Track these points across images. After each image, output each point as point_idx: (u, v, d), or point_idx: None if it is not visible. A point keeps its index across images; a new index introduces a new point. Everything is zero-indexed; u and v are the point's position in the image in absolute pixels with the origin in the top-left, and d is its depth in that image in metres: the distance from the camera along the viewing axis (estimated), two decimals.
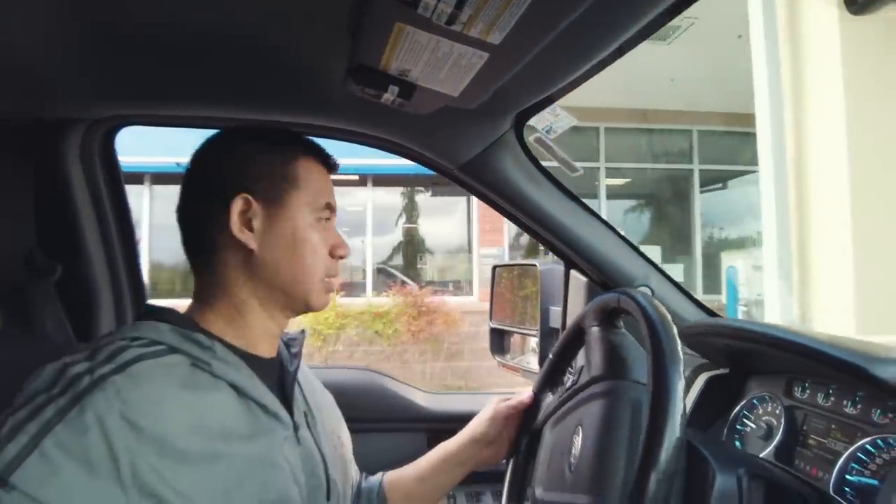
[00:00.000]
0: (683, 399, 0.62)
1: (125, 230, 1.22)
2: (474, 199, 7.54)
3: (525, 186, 1.14)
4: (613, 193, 8.79)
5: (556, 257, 1.39)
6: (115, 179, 1.20)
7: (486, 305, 1.67)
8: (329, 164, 0.84)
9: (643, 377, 0.73)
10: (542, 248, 1.25)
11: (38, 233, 1.09)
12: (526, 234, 3.15)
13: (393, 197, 8.56)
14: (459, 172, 1.15)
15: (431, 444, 1.34)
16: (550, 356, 0.99)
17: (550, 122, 1.01)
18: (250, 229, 0.75)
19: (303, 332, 0.89)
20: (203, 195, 0.76)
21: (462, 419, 1.38)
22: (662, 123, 7.92)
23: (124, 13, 0.74)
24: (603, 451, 0.73)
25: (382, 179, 7.95)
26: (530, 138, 1.11)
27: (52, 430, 0.56)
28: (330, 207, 0.81)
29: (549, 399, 0.98)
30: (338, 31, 0.78)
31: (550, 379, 0.99)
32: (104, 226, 1.17)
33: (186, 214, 0.78)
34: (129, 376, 0.62)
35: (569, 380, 0.91)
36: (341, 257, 0.82)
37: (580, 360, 0.90)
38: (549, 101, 1.01)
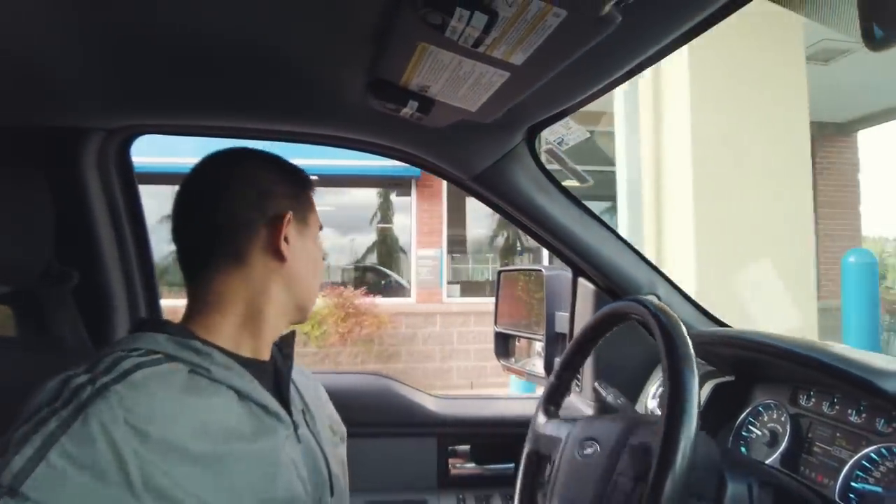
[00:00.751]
0: (698, 402, 0.64)
1: (140, 238, 1.23)
2: (414, 201, 7.62)
3: (536, 196, 1.17)
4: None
5: (560, 263, 1.42)
6: (130, 188, 1.21)
7: (424, 307, 1.68)
8: (314, 189, 0.90)
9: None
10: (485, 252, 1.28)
11: (54, 240, 1.10)
12: (466, 237, 3.29)
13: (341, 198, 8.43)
14: (472, 183, 1.17)
15: (442, 448, 1.37)
16: (554, 372, 0.99)
17: (563, 134, 1.03)
18: (287, 242, 0.79)
19: (293, 333, 0.90)
20: (245, 206, 0.78)
21: (472, 424, 1.41)
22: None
23: (143, 23, 0.76)
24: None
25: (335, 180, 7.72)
26: (542, 149, 1.13)
27: (57, 442, 0.57)
28: (321, 227, 0.89)
29: (553, 420, 0.98)
30: (359, 46, 0.80)
31: (556, 393, 1.00)
32: (120, 233, 1.19)
33: (214, 223, 0.78)
34: (129, 384, 0.63)
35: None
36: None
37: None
38: (561, 114, 1.03)
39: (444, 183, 7.15)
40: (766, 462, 0.94)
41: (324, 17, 0.74)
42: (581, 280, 1.35)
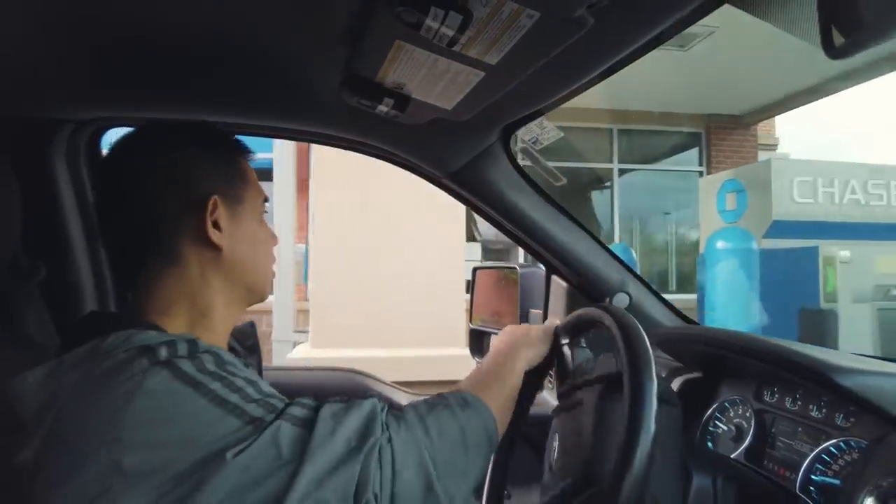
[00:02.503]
0: (655, 406, 0.66)
1: None
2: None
3: (510, 194, 1.18)
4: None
5: (533, 260, 1.43)
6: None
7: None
8: (250, 156, 0.83)
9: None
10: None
11: (21, 232, 1.08)
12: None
13: None
14: (448, 180, 1.17)
15: None
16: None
17: (537, 133, 1.05)
18: (218, 230, 0.73)
19: (252, 324, 0.89)
20: (162, 196, 0.71)
21: None
22: (584, 122, 7.85)
23: (116, 15, 0.74)
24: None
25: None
26: (516, 148, 1.15)
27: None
28: (266, 200, 0.82)
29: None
30: (334, 42, 0.80)
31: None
32: (89, 227, 1.16)
33: (132, 219, 0.72)
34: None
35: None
36: (273, 246, 0.85)
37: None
38: (536, 114, 1.04)
39: (311, 178, 6.93)
40: (732, 456, 0.96)
41: (299, 13, 0.74)
42: (554, 278, 1.37)
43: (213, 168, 0.75)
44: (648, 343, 0.70)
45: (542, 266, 1.46)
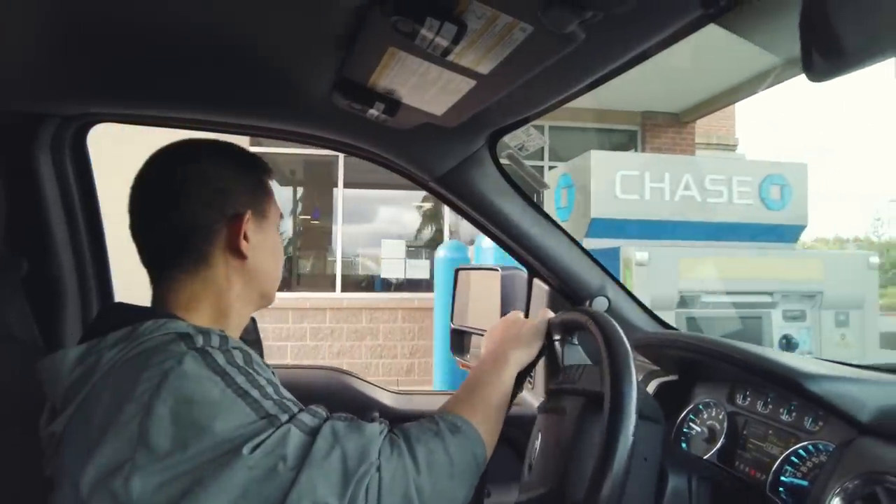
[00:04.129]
0: (636, 413, 0.68)
1: (94, 228, 1.20)
2: None
3: (496, 199, 1.20)
4: None
5: (515, 262, 1.46)
6: (85, 176, 1.19)
7: None
8: (272, 176, 0.90)
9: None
10: None
11: (4, 227, 1.07)
12: None
13: None
14: (435, 184, 1.19)
15: None
16: None
17: (523, 140, 1.07)
18: (247, 240, 0.80)
19: (253, 320, 0.93)
20: (199, 207, 0.77)
21: None
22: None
23: (103, 9, 0.74)
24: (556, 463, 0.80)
25: None
26: (502, 154, 1.17)
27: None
28: (282, 216, 0.90)
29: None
30: (328, 45, 0.81)
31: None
32: (73, 223, 1.16)
33: (169, 224, 0.77)
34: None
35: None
36: None
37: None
38: (523, 121, 1.06)
39: None
40: (705, 457, 0.99)
41: (294, 15, 0.75)
42: (536, 280, 1.40)
43: (247, 185, 0.83)
44: (631, 357, 0.72)
45: (523, 268, 1.48)
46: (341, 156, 6.71)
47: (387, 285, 7.18)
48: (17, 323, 1.07)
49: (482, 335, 1.70)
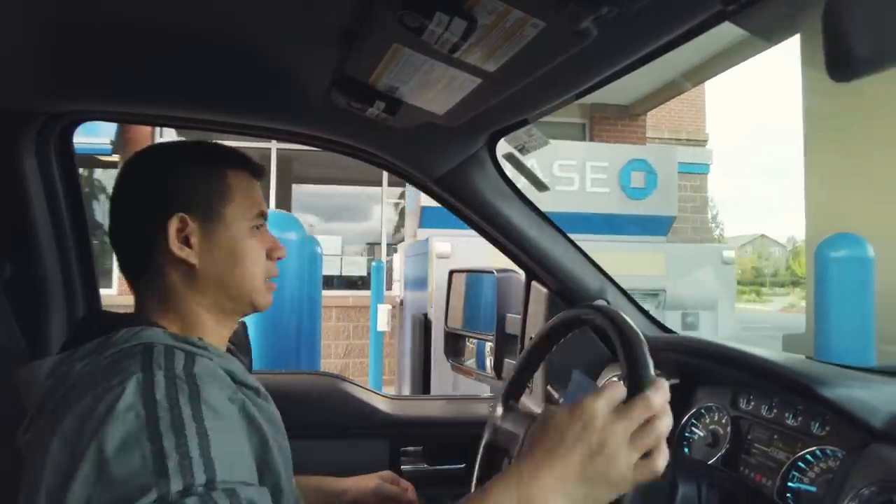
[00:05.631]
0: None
1: (79, 229, 1.17)
2: None
3: (494, 200, 1.18)
4: None
5: (512, 265, 1.44)
6: (71, 175, 1.15)
7: (126, 299, 1.60)
8: (256, 172, 0.84)
9: None
10: None
11: None
12: None
13: None
14: (434, 185, 1.17)
15: (394, 450, 1.36)
16: (515, 367, 1.01)
17: (524, 141, 1.05)
18: (189, 246, 0.75)
19: (244, 324, 0.91)
20: (136, 216, 0.77)
21: (425, 424, 1.41)
22: None
23: (92, 5, 0.72)
24: None
25: None
26: (501, 155, 1.15)
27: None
28: (262, 215, 0.82)
29: (512, 414, 0.99)
30: (328, 41, 0.78)
31: (511, 395, 1.01)
32: (58, 224, 1.12)
33: (122, 236, 0.78)
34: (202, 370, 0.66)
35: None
36: (279, 258, 0.85)
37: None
38: (523, 122, 1.04)
39: None
40: (709, 462, 0.98)
41: (294, 9, 0.72)
42: (534, 283, 1.38)
43: (183, 186, 0.77)
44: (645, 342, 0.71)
45: (518, 271, 1.47)
46: (274, 149, 6.52)
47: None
48: (0, 329, 1.03)
49: (478, 338, 1.69)
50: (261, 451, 0.68)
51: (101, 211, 6.86)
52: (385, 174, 6.76)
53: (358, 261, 7.00)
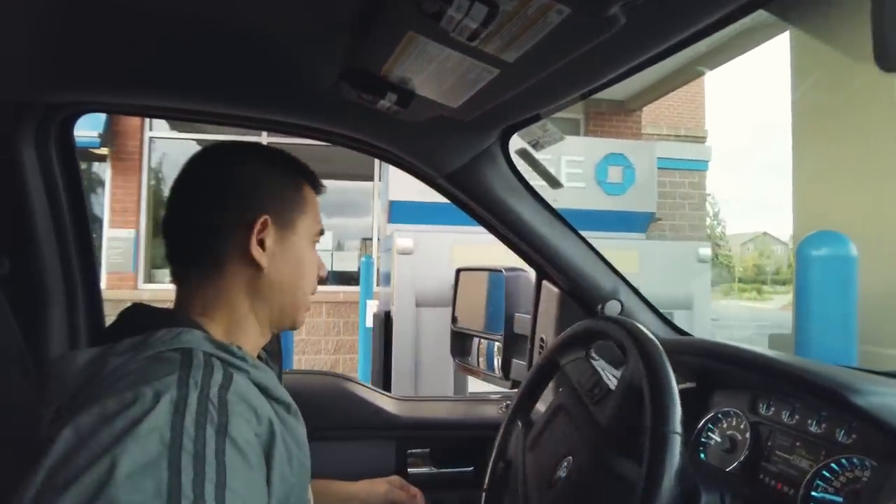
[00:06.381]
0: (681, 439, 0.64)
1: (80, 224, 1.14)
2: (108, 177, 6.47)
3: (506, 197, 1.15)
4: None
5: (521, 264, 1.41)
6: (71, 168, 1.12)
7: (114, 293, 1.57)
8: (320, 189, 0.86)
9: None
10: None
11: None
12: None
13: None
14: (444, 181, 1.14)
15: (401, 452, 1.33)
16: (524, 384, 0.99)
17: (538, 136, 1.02)
18: (262, 248, 0.75)
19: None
20: (218, 208, 0.76)
21: (432, 426, 1.38)
22: None
23: None
24: (599, 485, 0.75)
25: None
26: (514, 151, 1.12)
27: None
28: (321, 233, 0.84)
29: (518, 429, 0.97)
30: (339, 30, 0.75)
31: (524, 406, 0.99)
32: (58, 218, 1.09)
33: (184, 225, 0.77)
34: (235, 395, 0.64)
35: (594, 380, 0.91)
36: (321, 277, 0.85)
37: (571, 378, 0.90)
38: (537, 117, 1.01)
39: (145, 159, 6.38)
40: (727, 469, 0.95)
41: None
42: (545, 283, 1.35)
43: (270, 189, 0.78)
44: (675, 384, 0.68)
45: (527, 269, 1.44)
46: (264, 143, 6.40)
47: None
48: None
49: (486, 338, 1.66)
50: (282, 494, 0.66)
51: (98, 204, 6.88)
52: (378, 169, 6.77)
53: (350, 256, 6.97)
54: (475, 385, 3.57)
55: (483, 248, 3.57)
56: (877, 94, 3.83)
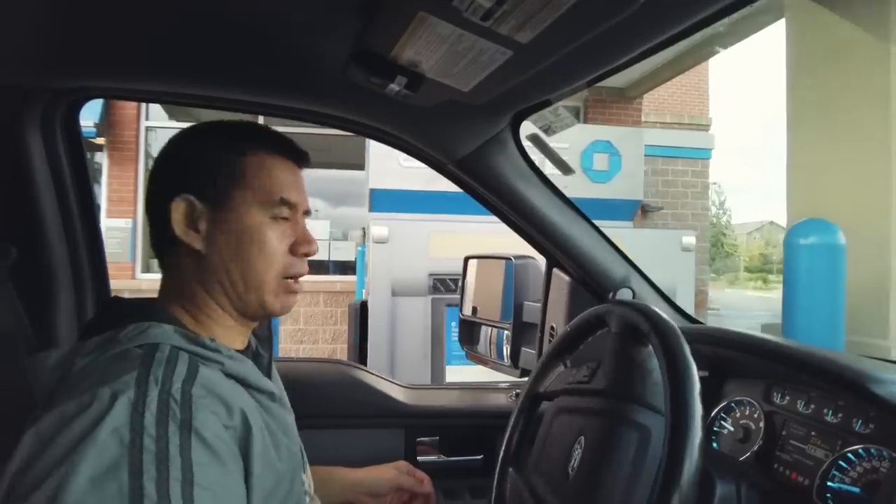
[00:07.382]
0: (702, 430, 0.63)
1: (88, 212, 1.13)
2: (105, 166, 6.45)
3: (516, 184, 1.13)
4: None
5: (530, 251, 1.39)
6: (77, 155, 1.11)
7: (112, 283, 1.50)
8: (294, 157, 0.78)
9: (659, 403, 0.73)
10: None
11: None
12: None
13: None
14: (454, 167, 1.12)
15: (410, 440, 1.33)
16: (567, 328, 0.96)
17: (550, 121, 1.00)
18: (196, 230, 0.71)
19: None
20: (153, 196, 0.75)
21: (442, 415, 1.38)
22: None
23: None
24: (603, 477, 0.74)
25: None
26: (525, 136, 1.10)
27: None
28: (286, 203, 0.74)
29: (560, 370, 0.96)
30: (346, 12, 0.73)
31: (566, 349, 0.96)
32: (65, 207, 1.08)
33: (147, 214, 0.77)
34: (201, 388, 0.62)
35: (582, 371, 0.90)
36: (305, 254, 0.76)
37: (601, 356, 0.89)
38: (548, 102, 0.99)
39: (142, 148, 6.36)
40: (740, 459, 0.94)
41: None
42: (555, 271, 1.33)
43: (198, 167, 0.73)
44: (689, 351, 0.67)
45: (536, 257, 1.42)
46: None
47: (309, 266, 6.94)
48: (5, 316, 0.99)
49: (495, 327, 1.65)
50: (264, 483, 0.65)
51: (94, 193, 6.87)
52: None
53: (348, 246, 6.92)
54: (452, 375, 3.56)
55: (461, 237, 3.79)
56: (871, 83, 3.76)
